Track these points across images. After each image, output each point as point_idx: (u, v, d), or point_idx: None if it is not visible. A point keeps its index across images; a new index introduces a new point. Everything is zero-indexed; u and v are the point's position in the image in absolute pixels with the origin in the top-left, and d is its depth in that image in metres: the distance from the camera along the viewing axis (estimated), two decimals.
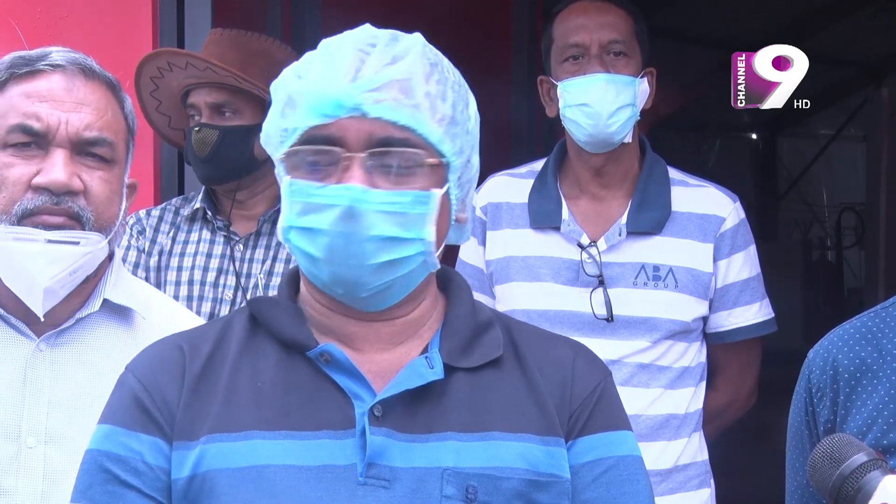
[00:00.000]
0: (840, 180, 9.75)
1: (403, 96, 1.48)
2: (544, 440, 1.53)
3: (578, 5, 2.78)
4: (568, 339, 1.66)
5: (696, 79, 7.66)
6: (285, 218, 1.51)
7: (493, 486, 1.49)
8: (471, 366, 1.55)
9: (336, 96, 1.47)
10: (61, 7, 3.48)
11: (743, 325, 2.82)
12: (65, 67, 1.89)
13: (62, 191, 1.84)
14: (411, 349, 1.57)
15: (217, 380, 1.54)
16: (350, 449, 1.49)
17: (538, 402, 1.55)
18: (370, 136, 1.47)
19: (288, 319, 1.57)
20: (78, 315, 1.93)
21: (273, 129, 1.53)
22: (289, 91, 1.51)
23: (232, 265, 2.93)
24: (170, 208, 3.06)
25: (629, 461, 1.57)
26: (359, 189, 1.46)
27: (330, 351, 1.53)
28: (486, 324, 1.60)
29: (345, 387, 1.52)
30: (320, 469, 1.48)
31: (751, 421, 3.16)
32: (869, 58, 7.90)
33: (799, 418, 1.91)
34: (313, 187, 1.48)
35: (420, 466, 1.49)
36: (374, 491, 1.48)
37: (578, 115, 2.70)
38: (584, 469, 1.54)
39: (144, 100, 2.98)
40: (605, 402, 1.59)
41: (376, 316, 1.56)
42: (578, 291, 2.71)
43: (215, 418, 1.51)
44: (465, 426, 1.52)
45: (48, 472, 1.86)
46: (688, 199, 2.78)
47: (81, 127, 1.87)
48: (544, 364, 1.59)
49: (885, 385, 1.81)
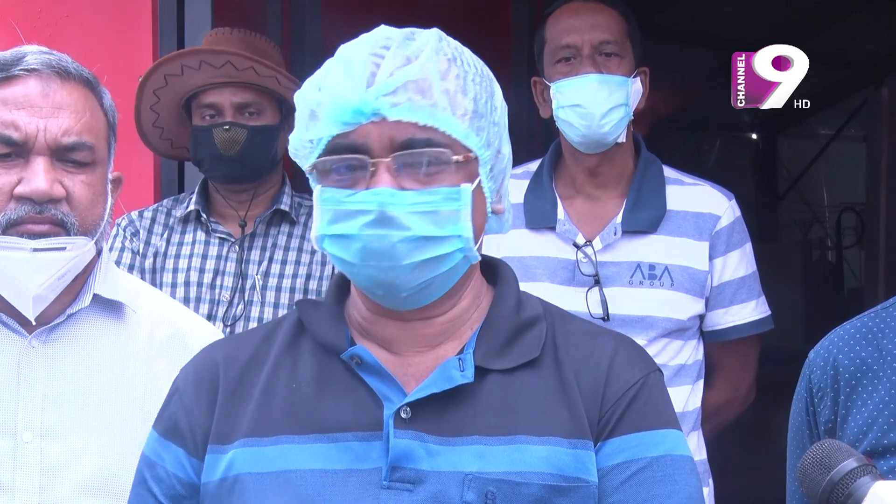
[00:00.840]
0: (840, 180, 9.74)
1: (420, 96, 1.48)
2: (572, 443, 1.51)
3: (570, 6, 2.79)
4: (613, 335, 1.63)
5: (696, 79, 7.66)
6: (318, 227, 1.52)
7: (513, 492, 1.48)
8: (506, 367, 1.55)
9: (354, 104, 1.48)
10: (61, 7, 3.49)
11: (739, 323, 2.82)
12: (40, 71, 1.87)
13: (44, 199, 1.84)
14: (448, 350, 1.57)
15: (255, 382, 1.58)
16: (377, 452, 1.50)
17: (569, 405, 1.53)
18: (392, 140, 1.48)
19: (328, 322, 1.59)
20: (69, 311, 1.94)
21: (299, 142, 1.54)
22: (309, 102, 1.52)
23: (233, 266, 2.94)
24: (162, 209, 3.05)
25: (666, 461, 1.53)
26: (387, 192, 1.47)
27: (360, 354, 1.54)
28: (529, 322, 1.59)
29: (376, 389, 1.53)
30: (346, 473, 1.50)
31: (750, 420, 3.16)
32: (869, 58, 7.89)
33: (800, 418, 1.92)
34: (343, 194, 1.49)
35: (444, 471, 1.49)
36: (398, 495, 1.48)
37: (571, 116, 2.71)
38: (613, 472, 1.52)
39: (142, 116, 2.97)
40: (642, 401, 1.55)
41: (416, 315, 1.56)
42: (574, 291, 2.71)
43: (249, 423, 1.55)
44: (492, 430, 1.51)
45: (45, 466, 1.87)
46: (683, 197, 2.79)
47: (60, 133, 1.86)
48: (581, 363, 1.56)
49: (886, 385, 1.81)
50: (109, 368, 1.94)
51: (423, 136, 1.48)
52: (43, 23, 3.45)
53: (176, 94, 2.95)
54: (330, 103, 1.49)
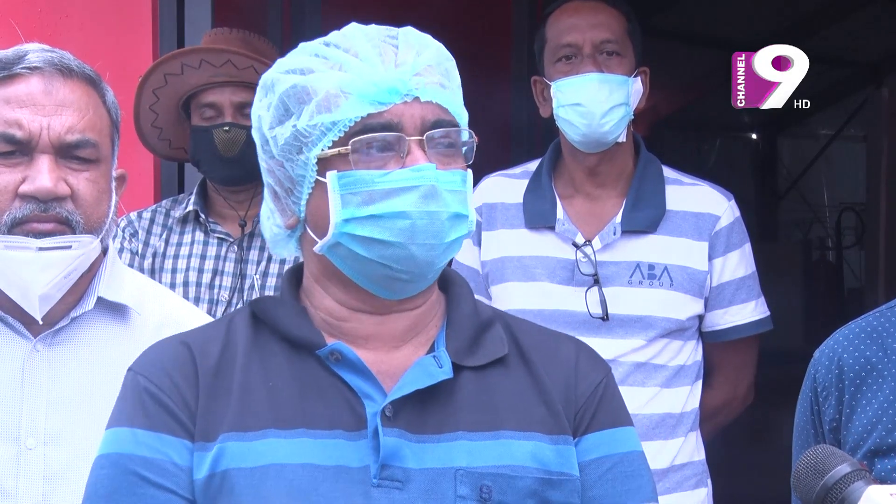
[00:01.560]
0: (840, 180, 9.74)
1: (444, 79, 1.52)
2: (553, 439, 1.54)
3: (571, 5, 2.78)
4: (569, 337, 1.67)
5: (696, 79, 7.66)
6: (341, 212, 1.49)
7: (507, 485, 1.49)
8: (477, 364, 1.56)
9: (390, 83, 1.48)
10: (61, 7, 3.49)
11: (739, 324, 2.82)
12: (42, 69, 1.87)
13: (49, 198, 1.83)
14: (418, 348, 1.57)
15: (230, 379, 1.54)
16: (364, 450, 1.49)
17: (546, 402, 1.56)
18: (423, 119, 1.50)
19: (294, 319, 1.57)
20: (73, 314, 1.92)
21: (307, 128, 1.51)
22: (322, 85, 1.50)
23: (231, 266, 2.94)
24: (160, 210, 3.05)
25: (633, 457, 1.58)
26: (431, 168, 1.48)
27: (340, 350, 1.53)
28: (488, 322, 1.60)
29: (355, 386, 1.52)
30: (336, 469, 1.49)
31: (749, 420, 3.16)
32: (869, 58, 7.89)
33: (805, 418, 1.92)
34: (377, 175, 1.48)
35: (433, 467, 1.49)
36: (389, 492, 1.48)
37: (572, 115, 2.70)
38: (591, 466, 1.55)
39: (141, 115, 2.97)
40: (608, 400, 1.60)
41: (394, 307, 1.56)
42: (574, 291, 2.71)
43: (232, 418, 1.51)
44: (476, 425, 1.52)
45: (48, 473, 1.85)
46: (682, 197, 2.79)
47: (63, 130, 1.85)
48: (548, 363, 1.59)
49: (891, 384, 1.82)
50: (114, 373, 1.92)
51: (447, 118, 1.52)
52: (43, 23, 3.45)
53: (175, 94, 2.95)
54: (363, 82, 1.48)
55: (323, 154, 1.50)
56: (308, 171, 1.52)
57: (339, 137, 1.49)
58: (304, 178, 1.53)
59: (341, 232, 1.50)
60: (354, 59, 1.50)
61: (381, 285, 1.53)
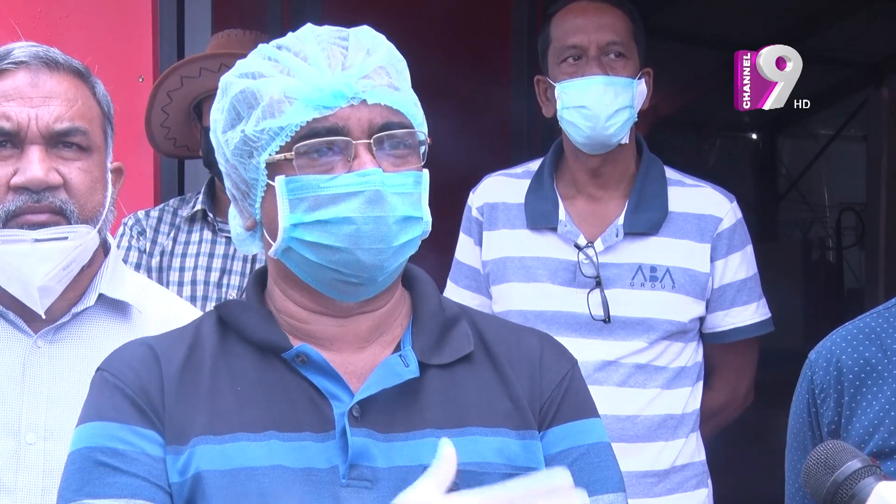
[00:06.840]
0: (840, 180, 9.74)
1: (392, 80, 1.52)
2: (520, 434, 1.55)
3: (576, 6, 2.78)
4: (534, 331, 1.68)
5: (696, 79, 7.66)
6: (288, 217, 1.50)
7: (476, 481, 1.48)
8: (444, 362, 1.56)
9: (335, 86, 1.48)
10: (61, 7, 3.49)
11: (740, 326, 2.82)
12: (28, 63, 1.88)
13: (41, 187, 1.84)
14: (384, 348, 1.58)
15: (198, 384, 1.54)
16: (332, 451, 1.50)
17: (511, 397, 1.56)
18: (371, 122, 1.49)
19: (260, 322, 1.57)
20: (74, 310, 1.93)
21: (255, 133, 1.51)
22: (268, 90, 1.50)
23: (239, 265, 2.94)
24: (168, 209, 3.06)
25: (599, 448, 1.59)
26: (377, 172, 1.48)
27: (306, 352, 1.53)
28: (454, 318, 1.61)
29: (321, 387, 1.52)
30: (305, 471, 1.49)
31: (749, 421, 3.16)
32: (869, 58, 7.89)
33: (800, 420, 1.91)
34: (323, 180, 1.48)
35: (402, 465, 1.50)
36: (358, 492, 1.48)
37: (576, 117, 2.70)
38: (557, 459, 1.56)
39: (153, 115, 2.97)
40: (573, 392, 1.61)
41: (356, 309, 1.56)
42: (575, 292, 2.71)
43: (203, 422, 1.51)
44: (443, 423, 1.53)
45: (48, 468, 1.86)
46: (685, 199, 2.79)
47: (52, 120, 1.86)
48: (513, 357, 1.60)
49: (892, 386, 1.81)
50: None
51: (397, 120, 1.51)
52: (43, 23, 3.46)
53: (189, 95, 2.96)
54: (308, 87, 1.48)
55: (271, 159, 1.50)
56: (259, 175, 1.53)
57: (286, 142, 1.49)
58: (257, 181, 1.53)
59: (290, 237, 1.51)
60: (302, 64, 1.50)
61: (334, 289, 1.54)
